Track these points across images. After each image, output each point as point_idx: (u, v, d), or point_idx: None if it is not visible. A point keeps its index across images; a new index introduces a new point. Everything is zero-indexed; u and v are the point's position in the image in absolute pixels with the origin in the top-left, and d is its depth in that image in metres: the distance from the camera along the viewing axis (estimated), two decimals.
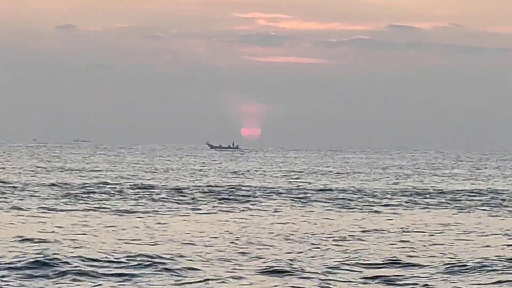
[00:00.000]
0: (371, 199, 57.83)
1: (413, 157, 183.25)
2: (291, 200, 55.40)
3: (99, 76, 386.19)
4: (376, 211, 48.57)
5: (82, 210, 44.63)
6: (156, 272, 23.01)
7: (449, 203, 55.22)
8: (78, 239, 30.88)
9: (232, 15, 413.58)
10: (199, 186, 68.67)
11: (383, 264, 25.49)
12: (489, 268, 24.49)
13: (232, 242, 30.54)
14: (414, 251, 29.36)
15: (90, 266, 23.36)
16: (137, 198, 54.92)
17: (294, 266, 24.05)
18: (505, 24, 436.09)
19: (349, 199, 57.20)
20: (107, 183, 67.65)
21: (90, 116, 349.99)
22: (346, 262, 25.69)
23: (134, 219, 41.53)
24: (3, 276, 21.88)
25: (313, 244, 30.45)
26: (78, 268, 22.75)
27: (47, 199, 52.01)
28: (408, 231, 36.56)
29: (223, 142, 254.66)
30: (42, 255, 24.20)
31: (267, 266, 24.11)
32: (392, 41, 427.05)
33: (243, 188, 67.05)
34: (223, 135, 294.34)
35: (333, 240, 31.81)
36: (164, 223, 38.93)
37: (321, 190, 66.56)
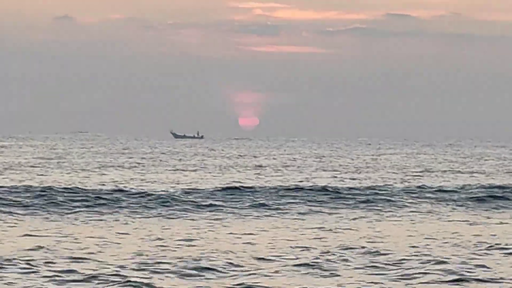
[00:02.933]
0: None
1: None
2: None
3: (95, 67, 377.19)
4: None
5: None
6: None
7: None
8: None
9: (228, 5, 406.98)
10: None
11: None
12: None
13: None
14: None
15: None
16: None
17: None
18: (501, 12, 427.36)
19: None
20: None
21: (86, 107, 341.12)
22: None
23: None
24: None
25: None
26: None
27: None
28: None
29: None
30: None
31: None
32: (389, 30, 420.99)
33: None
34: (220, 125, 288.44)
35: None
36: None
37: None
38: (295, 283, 21.49)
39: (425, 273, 22.97)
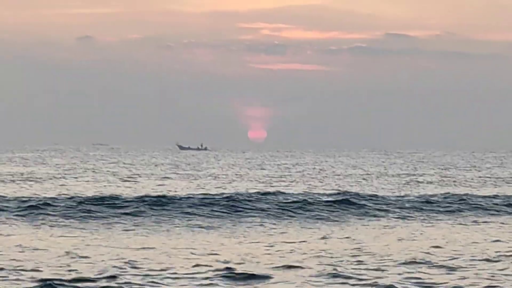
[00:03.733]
0: None
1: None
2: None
3: (114, 83, 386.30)
4: None
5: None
6: None
7: None
8: None
9: (237, 26, 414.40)
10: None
11: None
12: None
13: None
14: None
15: None
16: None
17: None
18: (492, 32, 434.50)
19: None
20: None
21: (106, 121, 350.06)
22: None
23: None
24: None
25: None
26: None
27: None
28: None
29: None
30: None
31: None
32: (388, 49, 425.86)
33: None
34: (231, 138, 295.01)
35: None
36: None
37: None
38: None
39: None
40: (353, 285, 20.75)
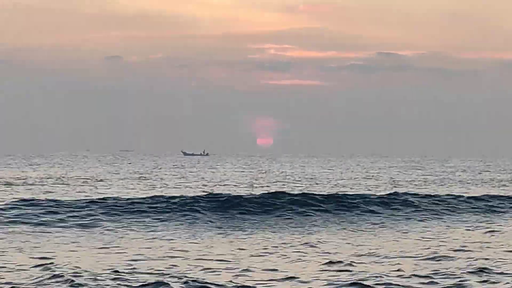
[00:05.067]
0: None
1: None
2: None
3: (138, 98, 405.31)
4: None
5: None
6: None
7: None
8: None
9: (247, 46, 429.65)
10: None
11: None
12: None
13: None
14: None
15: None
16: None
17: None
18: (473, 51, 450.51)
19: None
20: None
21: (131, 130, 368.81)
22: None
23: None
24: None
25: None
26: None
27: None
28: None
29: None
30: None
31: None
32: (379, 66, 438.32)
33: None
34: (242, 145, 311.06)
35: None
36: None
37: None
38: None
39: None
40: None
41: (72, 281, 18.08)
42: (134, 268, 20.35)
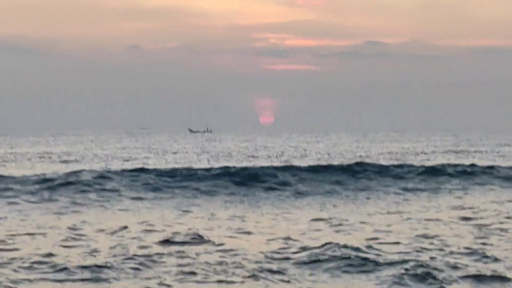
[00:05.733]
0: None
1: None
2: None
3: (156, 83, 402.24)
4: None
5: None
6: None
7: None
8: None
9: (251, 36, 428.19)
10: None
11: None
12: None
13: None
14: None
15: None
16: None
17: None
18: (451, 38, 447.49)
19: None
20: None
21: (148, 110, 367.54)
22: None
23: None
24: None
25: None
26: None
27: None
28: None
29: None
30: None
31: None
32: (367, 53, 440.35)
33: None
34: (246, 122, 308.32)
35: None
36: None
37: None
38: None
39: None
40: None
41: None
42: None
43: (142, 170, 37.88)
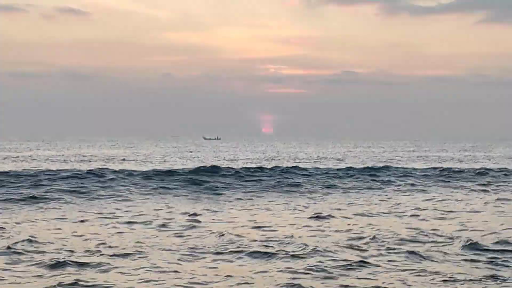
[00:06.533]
0: None
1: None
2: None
3: (185, 103, 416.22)
4: None
5: None
6: None
7: None
8: None
9: (255, 67, 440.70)
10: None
11: None
12: None
13: None
14: None
15: None
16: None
17: None
18: (408, 69, 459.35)
19: None
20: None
21: (177, 121, 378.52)
22: None
23: None
24: None
25: None
26: None
27: None
28: None
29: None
30: None
31: None
32: (343, 80, 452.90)
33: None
34: (251, 131, 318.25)
35: None
36: None
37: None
38: None
39: None
40: None
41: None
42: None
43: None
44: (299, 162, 56.49)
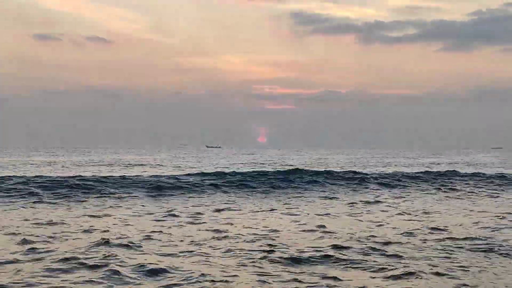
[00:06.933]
0: None
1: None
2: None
3: (194, 115, 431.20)
4: None
5: None
6: None
7: None
8: None
9: (253, 86, 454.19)
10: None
11: None
12: None
13: None
14: None
15: None
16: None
17: None
18: (383, 88, 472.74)
19: None
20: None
21: (186, 132, 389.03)
22: None
23: None
24: None
25: None
26: None
27: None
28: None
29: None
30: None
31: None
32: (327, 98, 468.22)
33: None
34: (248, 141, 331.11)
35: None
36: None
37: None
38: None
39: None
40: None
41: None
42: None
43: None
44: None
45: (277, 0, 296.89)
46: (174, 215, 18.68)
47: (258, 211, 19.83)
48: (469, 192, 28.77)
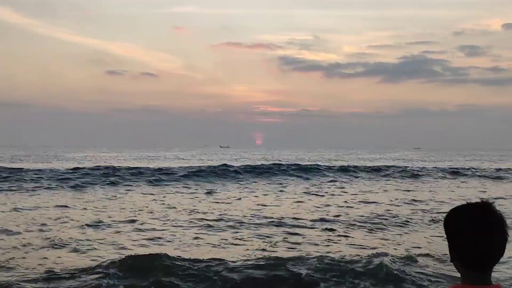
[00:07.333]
0: None
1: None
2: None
3: (210, 126, 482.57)
4: None
5: None
6: None
7: None
8: None
9: (252, 106, 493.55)
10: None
11: None
12: None
13: None
14: None
15: None
16: None
17: None
18: (343, 107, 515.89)
19: None
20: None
21: (207, 135, 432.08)
22: None
23: None
24: None
25: None
26: None
27: None
28: None
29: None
30: None
31: None
32: (303, 115, 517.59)
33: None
34: (249, 143, 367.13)
35: None
36: None
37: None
38: None
39: None
40: None
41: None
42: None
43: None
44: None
45: (270, 49, 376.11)
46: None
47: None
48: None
